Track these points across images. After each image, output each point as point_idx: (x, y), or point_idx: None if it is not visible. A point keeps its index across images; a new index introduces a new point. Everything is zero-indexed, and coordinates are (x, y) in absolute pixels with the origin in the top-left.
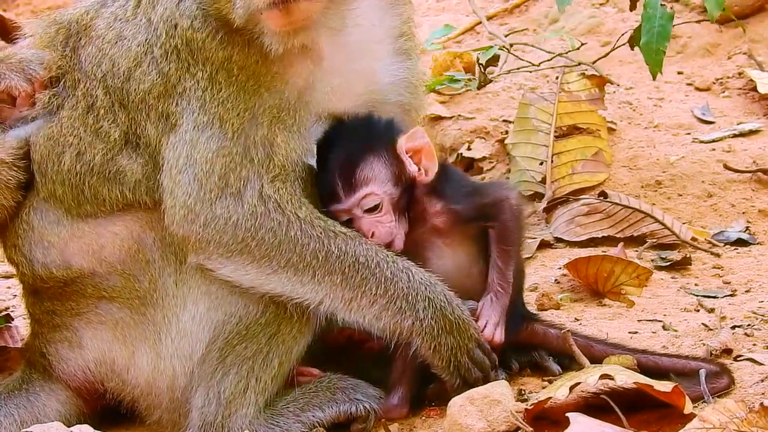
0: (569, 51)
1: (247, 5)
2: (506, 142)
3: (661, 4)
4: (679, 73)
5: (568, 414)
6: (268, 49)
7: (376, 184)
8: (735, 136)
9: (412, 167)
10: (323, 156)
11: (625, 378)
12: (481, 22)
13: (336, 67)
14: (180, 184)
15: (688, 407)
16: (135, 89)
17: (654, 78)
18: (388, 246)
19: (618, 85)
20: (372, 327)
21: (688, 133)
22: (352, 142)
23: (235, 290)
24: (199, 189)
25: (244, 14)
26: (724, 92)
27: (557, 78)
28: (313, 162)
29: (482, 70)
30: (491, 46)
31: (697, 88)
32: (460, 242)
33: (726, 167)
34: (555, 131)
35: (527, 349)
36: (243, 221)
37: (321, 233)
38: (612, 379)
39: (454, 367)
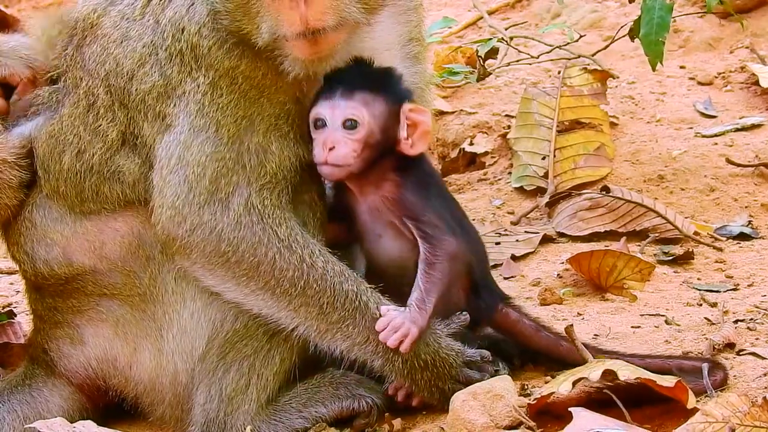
0: (568, 43)
1: (273, 32)
2: (508, 136)
3: None
4: (682, 67)
5: (570, 409)
6: (285, 71)
7: (369, 112)
8: (737, 130)
9: (402, 132)
10: (341, 70)
11: (628, 373)
12: (482, 17)
13: None
14: (170, 184)
15: (691, 402)
16: (136, 89)
17: (653, 69)
18: (337, 168)
19: (620, 79)
20: (345, 356)
21: (691, 128)
22: (376, 75)
23: None
24: (188, 191)
25: (269, 39)
26: (726, 86)
27: (559, 72)
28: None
29: (481, 62)
30: (491, 39)
31: (700, 83)
32: (401, 233)
33: (728, 161)
34: (557, 126)
35: (492, 336)
36: (227, 231)
37: (298, 260)
38: (615, 374)
39: (438, 393)
